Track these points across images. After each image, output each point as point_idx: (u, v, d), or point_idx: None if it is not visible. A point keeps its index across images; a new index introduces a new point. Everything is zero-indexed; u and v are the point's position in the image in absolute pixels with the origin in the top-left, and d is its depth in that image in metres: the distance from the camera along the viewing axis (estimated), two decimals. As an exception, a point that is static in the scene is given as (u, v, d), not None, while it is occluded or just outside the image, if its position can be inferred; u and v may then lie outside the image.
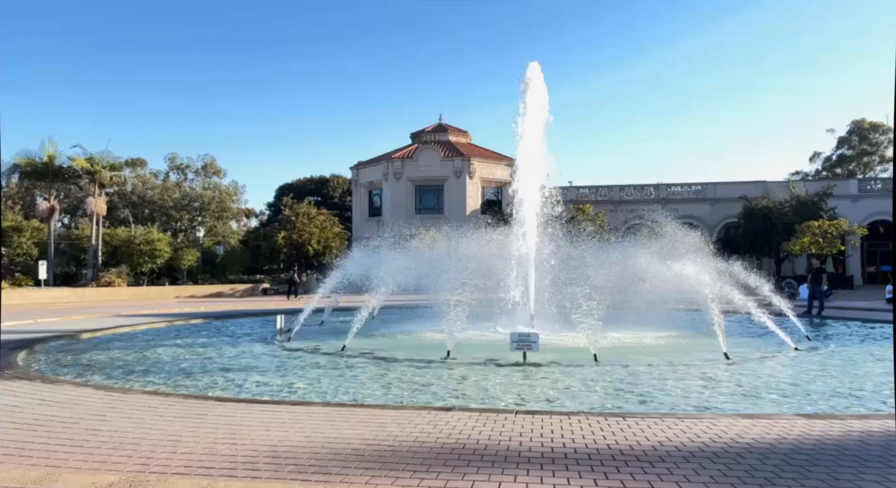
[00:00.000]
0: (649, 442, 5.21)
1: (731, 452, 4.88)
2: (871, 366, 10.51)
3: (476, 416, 6.17)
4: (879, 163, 57.70)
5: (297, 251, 41.71)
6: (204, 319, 20.32)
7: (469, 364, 10.47)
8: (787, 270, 37.88)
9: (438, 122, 51.20)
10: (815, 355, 11.71)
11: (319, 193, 60.66)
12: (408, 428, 5.63)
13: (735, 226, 40.13)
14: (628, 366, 10.18)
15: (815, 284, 20.55)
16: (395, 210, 44.85)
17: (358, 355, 11.49)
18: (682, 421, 6.01)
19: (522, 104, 16.00)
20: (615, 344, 12.33)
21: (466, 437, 5.35)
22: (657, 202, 43.67)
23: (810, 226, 33.06)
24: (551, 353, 11.06)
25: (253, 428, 5.64)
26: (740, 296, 13.04)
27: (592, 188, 46.14)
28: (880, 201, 41.70)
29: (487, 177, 45.17)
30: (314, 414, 6.27)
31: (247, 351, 12.58)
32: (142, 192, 55.31)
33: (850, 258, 40.70)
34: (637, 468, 4.51)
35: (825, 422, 5.86)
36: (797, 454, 4.82)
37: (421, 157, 46.13)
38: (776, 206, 37.62)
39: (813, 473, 4.35)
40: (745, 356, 11.15)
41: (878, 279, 40.25)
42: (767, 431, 5.54)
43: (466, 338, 12.20)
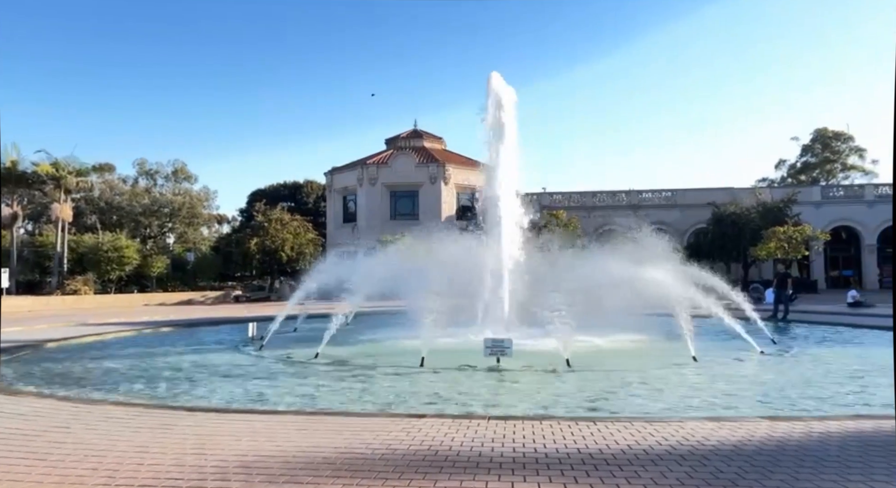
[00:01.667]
0: (619, 446, 5.30)
1: (697, 454, 5.00)
2: (833, 368, 10.83)
3: (449, 423, 6.19)
4: (841, 171, 59.53)
5: (270, 257, 41.26)
6: (174, 327, 19.96)
7: (443, 370, 10.48)
8: (754, 275, 38.78)
9: (413, 127, 51.26)
10: (780, 358, 12.01)
11: (293, 199, 60.09)
12: (381, 436, 5.63)
13: (704, 231, 40.96)
14: (600, 370, 10.31)
15: (781, 289, 21.07)
16: (370, 216, 44.72)
17: (331, 363, 11.42)
18: (650, 424, 6.12)
19: (490, 112, 16.19)
20: (588, 348, 12.46)
21: (439, 444, 5.37)
22: (629, 208, 44.37)
23: (776, 231, 33.92)
24: (525, 358, 11.13)
25: (223, 438, 5.57)
26: (709, 300, 13.32)
27: (566, 194, 46.66)
28: (842, 207, 43.03)
29: (462, 182, 45.33)
30: (286, 423, 6.23)
31: (218, 359, 12.39)
32: (110, 198, 54.13)
33: (813, 263, 41.87)
34: (606, 472, 4.59)
35: (787, 424, 6.03)
36: (760, 455, 4.96)
37: (396, 163, 46.12)
38: (743, 212, 38.51)
39: (774, 474, 4.48)
40: (712, 359, 11.39)
41: (841, 283, 41.47)
42: (732, 433, 5.68)
43: (441, 344, 12.20)
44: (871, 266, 42.48)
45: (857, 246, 43.03)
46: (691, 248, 38.82)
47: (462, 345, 12.97)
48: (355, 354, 12.52)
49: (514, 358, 10.71)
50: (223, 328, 19.57)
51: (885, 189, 44.30)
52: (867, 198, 43.28)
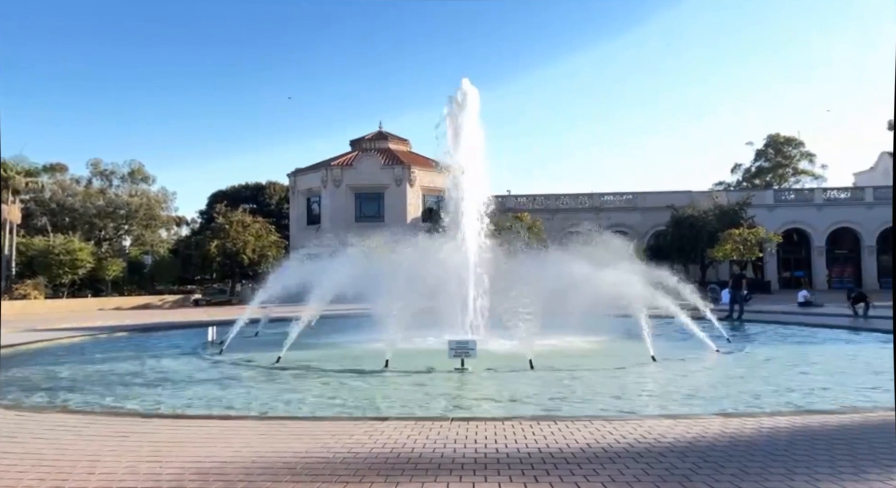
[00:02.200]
0: (578, 445, 5.39)
1: (653, 452, 5.13)
2: (784, 366, 11.23)
3: (412, 425, 6.19)
4: (793, 175, 61.77)
5: (231, 260, 40.49)
6: (130, 332, 19.40)
7: (407, 372, 10.47)
8: (711, 276, 39.86)
9: (378, 129, 51.04)
10: (734, 357, 12.40)
11: (255, 200, 59.08)
12: (343, 440, 5.59)
13: (663, 233, 41.94)
14: (562, 370, 10.46)
15: (736, 289, 21.74)
16: (335, 217, 44.31)
17: (294, 367, 11.27)
18: (610, 423, 6.24)
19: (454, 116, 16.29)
20: (551, 349, 12.62)
21: (402, 446, 5.37)
22: (591, 210, 45.08)
23: (732, 233, 34.98)
24: (489, 360, 11.21)
25: (179, 445, 5.45)
26: (667, 301, 13.66)
27: (530, 197, 47.13)
28: (793, 210, 44.65)
29: (428, 185, 45.32)
30: (245, 428, 6.13)
31: (175, 364, 12.10)
32: (62, 199, 52.23)
33: (767, 264, 43.30)
34: (566, 470, 4.66)
35: (739, 420, 6.23)
36: (713, 451, 5.11)
37: (361, 165, 45.82)
38: (701, 215, 39.58)
39: (726, 469, 4.63)
40: (670, 358, 11.67)
41: (792, 284, 42.97)
42: (688, 430, 5.84)
43: (405, 346, 12.19)
44: (821, 267, 44.17)
45: (808, 247, 44.69)
46: (651, 250, 39.73)
47: (427, 348, 12.98)
48: (318, 358, 12.39)
49: (478, 359, 10.77)
50: (182, 332, 19.11)
51: (833, 193, 46.17)
52: (816, 201, 45.01)
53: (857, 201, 44.42)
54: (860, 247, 44.03)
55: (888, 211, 43.36)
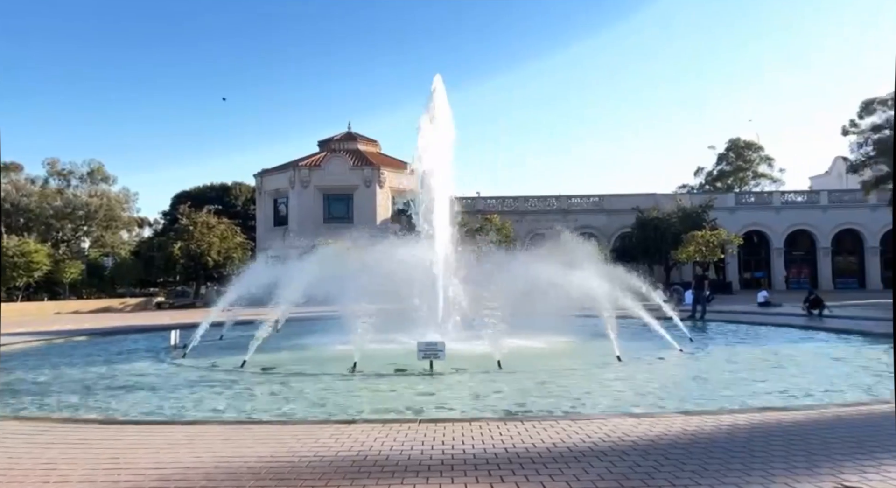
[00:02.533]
0: (544, 445, 5.44)
1: (617, 450, 5.21)
2: (744, 365, 11.54)
3: (379, 428, 6.17)
4: (753, 179, 63.58)
5: (196, 262, 39.67)
6: (88, 336, 18.84)
7: (376, 375, 10.43)
8: (675, 277, 40.74)
9: (347, 130, 50.70)
10: (697, 356, 12.68)
11: (220, 201, 58.01)
12: (308, 443, 5.53)
13: (629, 235, 42.70)
14: (530, 371, 10.55)
15: (699, 290, 22.25)
16: (303, 219, 43.83)
17: (259, 371, 11.11)
18: (575, 422, 6.32)
19: (427, 116, 16.30)
20: (519, 350, 12.70)
21: (368, 449, 5.34)
22: (559, 212, 45.63)
23: (694, 236, 35.82)
24: (457, 361, 11.23)
25: (139, 452, 5.31)
26: (633, 302, 13.90)
27: (499, 199, 47.43)
28: (754, 213, 45.97)
29: (398, 186, 45.19)
30: (209, 433, 6.01)
31: (137, 369, 11.80)
32: (16, 200, 50.40)
33: (728, 265, 44.46)
34: (532, 470, 4.70)
35: (700, 418, 6.38)
36: (674, 449, 5.23)
37: (329, 166, 45.44)
38: (665, 217, 40.43)
39: (687, 466, 4.73)
40: (635, 358, 11.88)
41: (753, 284, 44.22)
42: (650, 429, 5.95)
43: (374, 349, 12.12)
44: (779, 268, 45.55)
45: (767, 249, 46.06)
46: (617, 252, 40.46)
47: (395, 350, 12.93)
48: (285, 361, 12.24)
49: (447, 360, 10.80)
50: (143, 336, 18.65)
51: (791, 196, 47.70)
52: (775, 204, 46.43)
53: (813, 204, 45.98)
54: (816, 248, 45.56)
55: (842, 214, 45.02)
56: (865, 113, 31.89)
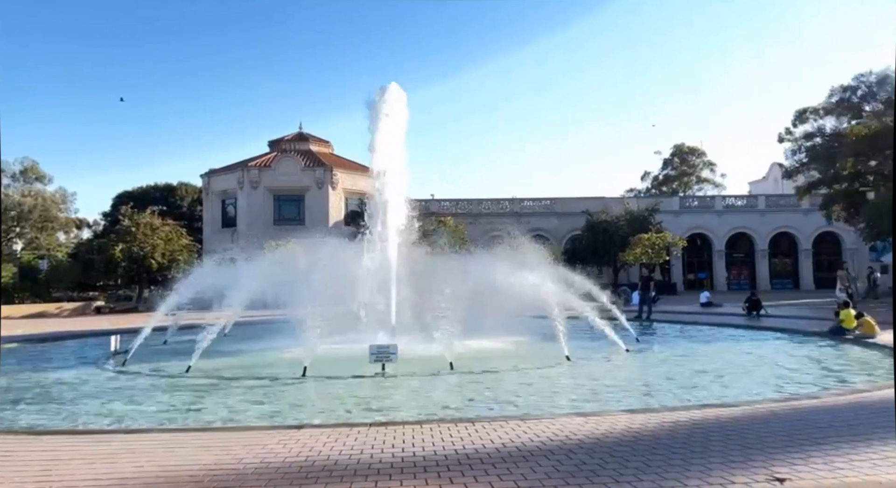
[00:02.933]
0: (494, 445, 5.50)
1: (564, 449, 5.32)
2: (687, 363, 11.98)
3: (329, 432, 6.10)
4: (696, 183, 65.99)
5: (138, 265, 38.19)
6: (20, 343, 17.86)
7: (327, 379, 10.31)
8: (623, 278, 41.83)
9: (298, 130, 49.88)
10: (643, 356, 13.08)
11: (165, 202, 56.05)
12: (255, 450, 5.42)
13: (579, 238, 43.59)
14: (481, 372, 10.64)
15: (645, 291, 22.90)
16: (252, 220, 42.85)
17: (205, 376, 10.80)
18: (524, 422, 6.41)
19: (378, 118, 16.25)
20: (471, 351, 12.79)
21: (317, 454, 5.27)
22: (512, 215, 46.15)
23: (641, 238, 36.87)
24: (410, 364, 11.21)
25: (74, 463, 5.08)
26: (582, 303, 14.21)
27: (453, 201, 47.63)
28: (697, 216, 47.70)
29: (350, 187, 44.78)
30: (150, 442, 5.81)
31: (73, 376, 11.28)
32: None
33: (673, 267, 45.96)
34: (481, 471, 4.75)
35: (644, 416, 6.58)
36: (619, 446, 5.37)
37: (280, 166, 44.58)
38: (613, 220, 41.47)
39: (630, 463, 4.87)
40: (583, 358, 12.15)
41: (696, 285, 45.85)
42: (596, 427, 6.10)
43: (325, 352, 11.98)
44: (721, 269, 47.41)
45: (709, 251, 47.86)
46: (568, 253, 41.21)
47: (347, 353, 12.79)
48: (232, 366, 11.94)
49: (399, 363, 10.77)
50: (81, 342, 17.84)
51: (731, 200, 49.76)
52: (717, 208, 48.32)
53: (752, 208, 48.07)
54: (754, 251, 47.63)
55: (779, 217, 47.24)
56: (799, 121, 33.56)
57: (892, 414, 6.55)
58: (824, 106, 32.44)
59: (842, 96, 31.89)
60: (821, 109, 32.59)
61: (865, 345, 13.05)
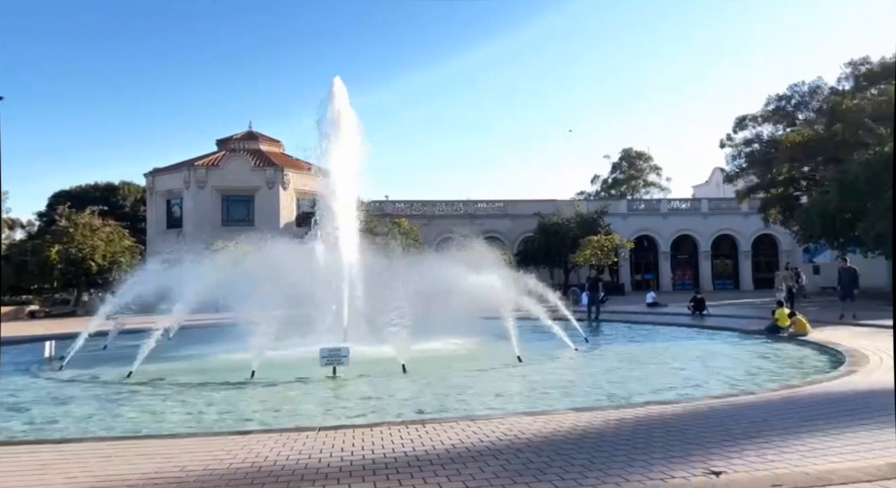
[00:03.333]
0: (444, 446, 5.52)
1: (512, 448, 5.39)
2: (633, 362, 12.33)
3: (276, 437, 5.99)
4: (643, 186, 67.98)
5: (77, 267, 36.52)
6: (-55, 351, 16.79)
7: (276, 383, 10.12)
8: (574, 279, 42.67)
9: (248, 129, 48.75)
10: (591, 355, 13.37)
11: (106, 202, 53.86)
12: (199, 457, 5.27)
13: (532, 239, 44.24)
14: (434, 373, 10.66)
15: (592, 291, 23.41)
16: (199, 221, 41.60)
17: (147, 382, 10.43)
18: (475, 423, 6.46)
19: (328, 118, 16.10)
20: (424, 353, 12.80)
21: (263, 460, 5.17)
22: (466, 217, 46.43)
23: (591, 240, 37.73)
24: (362, 366, 11.13)
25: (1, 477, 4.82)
26: (533, 304, 14.42)
27: (407, 203, 47.54)
28: (644, 219, 49.14)
29: (302, 188, 44.02)
30: (84, 452, 5.56)
31: (3, 384, 10.68)
32: None
33: (621, 268, 47.19)
34: (430, 472, 4.76)
35: (591, 414, 6.73)
36: (565, 444, 5.48)
37: (229, 166, 43.45)
38: (564, 223, 42.29)
39: (576, 460, 4.98)
40: (534, 358, 12.33)
41: (643, 286, 47.21)
42: (545, 426, 6.20)
43: (275, 356, 11.77)
44: (666, 270, 48.98)
45: (655, 253, 49.37)
46: (521, 255, 41.79)
47: (297, 356, 12.61)
48: (177, 371, 11.58)
49: (351, 366, 10.67)
50: (13, 349, 16.90)
51: (676, 203, 51.49)
52: (662, 211, 49.92)
53: (695, 211, 49.86)
54: (697, 252, 49.42)
55: (720, 220, 49.16)
56: (739, 128, 35.04)
57: (820, 406, 6.93)
58: (762, 114, 33.95)
59: (777, 105, 33.45)
60: (759, 117, 34.10)
61: (798, 343, 13.73)
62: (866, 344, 12.27)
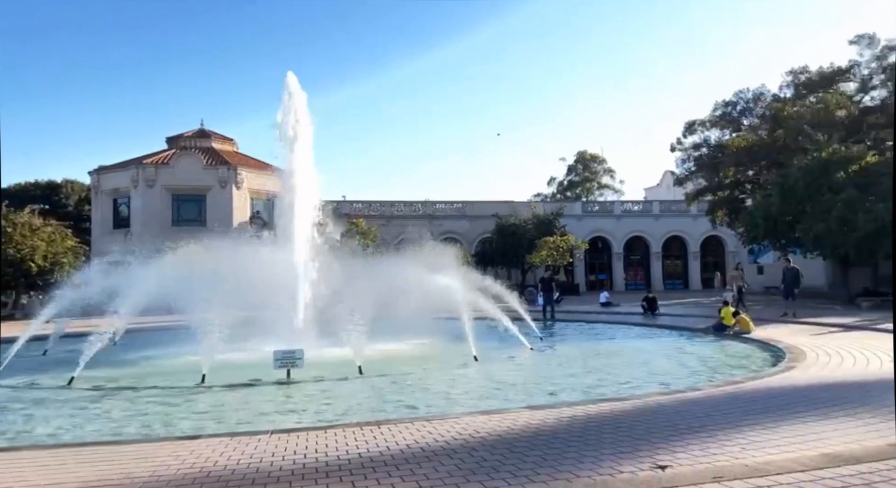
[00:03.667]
0: (398, 447, 5.52)
1: (467, 447, 5.43)
2: (586, 360, 12.58)
3: (227, 441, 5.86)
4: (598, 189, 69.43)
5: (15, 268, 34.80)
6: None
7: (228, 387, 9.90)
8: (531, 280, 43.22)
9: (200, 126, 47.45)
10: (546, 354, 13.59)
11: (48, 201, 51.57)
12: (145, 464, 5.11)
13: (489, 240, 44.61)
14: (390, 374, 10.63)
15: (547, 292, 23.76)
16: (147, 221, 40.27)
17: (91, 387, 10.05)
18: (430, 423, 6.48)
19: (284, 115, 15.87)
20: (381, 354, 12.74)
21: (213, 464, 5.06)
22: (424, 218, 46.47)
23: (547, 241, 38.32)
24: (317, 368, 10.99)
25: (-70, 490, 4.57)
26: (489, 304, 14.55)
27: (366, 203, 47.22)
28: (597, 220, 50.21)
29: (257, 187, 43.12)
30: (21, 460, 5.32)
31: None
32: None
33: (576, 268, 48.09)
34: (384, 473, 4.75)
35: (544, 412, 6.84)
36: (519, 442, 5.56)
37: (179, 164, 42.19)
38: (521, 224, 42.82)
39: (529, 457, 5.06)
40: (490, 357, 12.45)
41: (597, 286, 48.21)
42: (499, 424, 6.27)
43: (227, 359, 11.50)
44: (619, 271, 50.18)
45: (609, 253, 50.52)
46: (479, 256, 42.10)
47: (250, 359, 12.36)
48: (123, 376, 11.20)
49: (306, 368, 10.53)
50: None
51: (629, 205, 52.81)
52: (615, 212, 51.13)
53: (647, 213, 51.26)
54: (649, 253, 50.81)
55: (671, 222, 50.65)
56: (688, 133, 36.20)
57: (761, 401, 7.23)
58: (710, 119, 35.15)
59: (724, 111, 34.69)
60: (707, 122, 35.29)
61: (743, 340, 14.29)
62: (805, 340, 12.88)
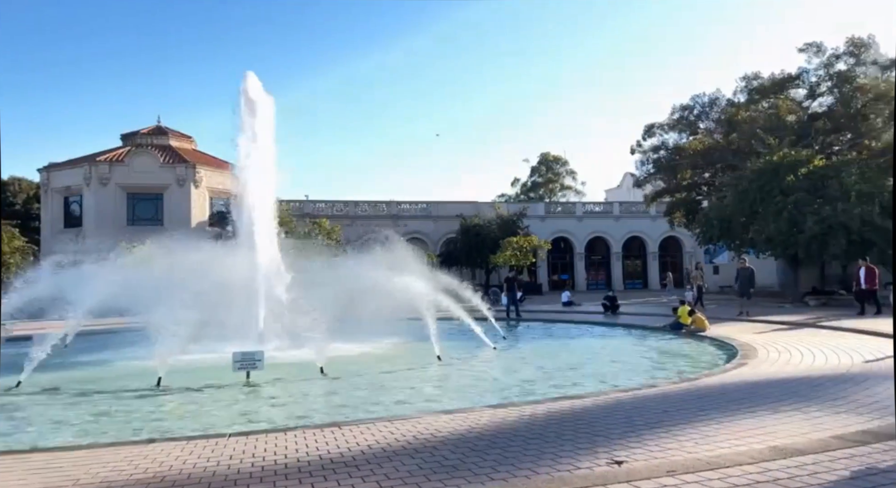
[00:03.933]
0: (359, 448, 5.49)
1: (428, 446, 5.44)
2: (548, 358, 12.74)
3: (183, 445, 5.73)
4: (560, 190, 70.42)
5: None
6: None
7: (185, 390, 9.67)
8: (495, 280, 43.53)
9: (157, 123, 46.19)
10: (508, 353, 13.72)
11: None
12: (95, 470, 4.95)
13: (454, 240, 44.75)
14: (353, 375, 10.56)
15: (510, 291, 23.97)
16: (101, 220, 38.96)
17: (40, 391, 9.69)
18: (392, 423, 6.46)
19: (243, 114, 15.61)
20: (343, 355, 12.65)
21: (168, 469, 4.94)
22: (389, 218, 46.28)
23: (510, 241, 38.68)
24: (278, 370, 10.85)
25: None
26: (453, 304, 14.59)
27: (329, 203, 46.75)
28: (561, 221, 50.91)
29: (216, 186, 42.20)
30: (-37, 470, 5.09)
31: None
32: None
33: (539, 269, 48.66)
34: (344, 474, 4.72)
35: (505, 411, 6.90)
36: (480, 440, 5.59)
37: (135, 162, 40.97)
38: (486, 224, 43.10)
39: (490, 455, 5.10)
40: (454, 357, 12.50)
41: (560, 286, 48.86)
42: (461, 423, 6.30)
43: (183, 362, 11.24)
44: (581, 271, 50.99)
45: (571, 254, 51.28)
46: (443, 256, 42.16)
47: (208, 362, 12.12)
48: (74, 379, 10.82)
49: (266, 370, 10.37)
50: None
51: (590, 206, 53.75)
52: (577, 213, 51.93)
53: (608, 214, 52.24)
54: (610, 253, 51.78)
55: (631, 223, 51.74)
56: (647, 135, 37.05)
57: (714, 397, 7.46)
58: (668, 122, 36.06)
59: (681, 114, 35.65)
60: (665, 125, 36.19)
61: (698, 338, 14.69)
62: (757, 338, 13.34)
